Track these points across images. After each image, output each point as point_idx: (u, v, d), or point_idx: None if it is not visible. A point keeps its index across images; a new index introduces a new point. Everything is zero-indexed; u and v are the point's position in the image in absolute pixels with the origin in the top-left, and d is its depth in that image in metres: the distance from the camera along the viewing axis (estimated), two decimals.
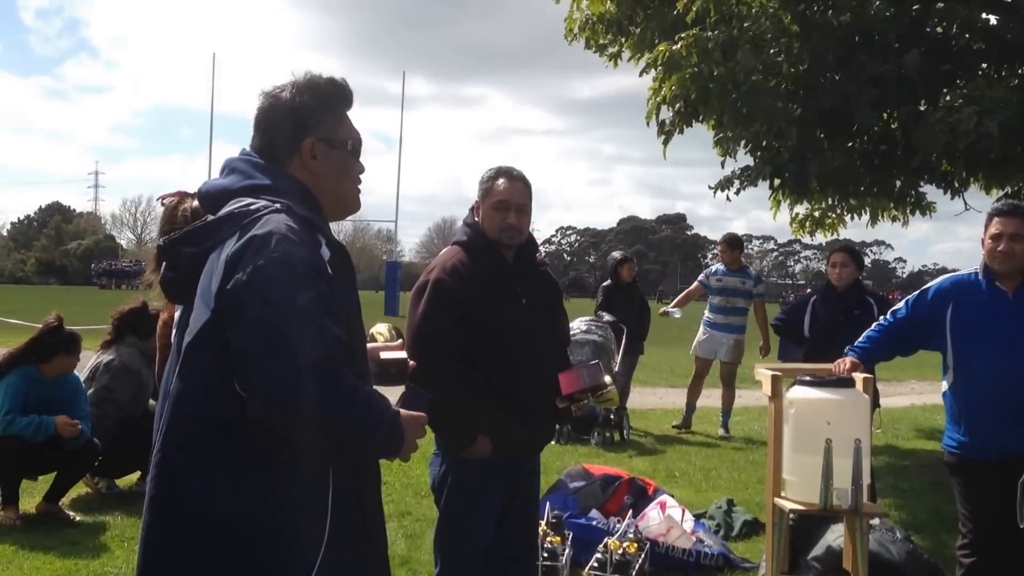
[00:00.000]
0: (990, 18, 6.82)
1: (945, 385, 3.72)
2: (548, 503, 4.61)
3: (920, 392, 12.88)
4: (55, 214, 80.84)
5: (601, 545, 4.31)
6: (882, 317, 3.95)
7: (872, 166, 7.03)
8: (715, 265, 9.04)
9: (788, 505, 3.04)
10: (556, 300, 3.33)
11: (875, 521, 4.01)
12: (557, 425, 5.16)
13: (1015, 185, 7.44)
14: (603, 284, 9.11)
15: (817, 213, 9.03)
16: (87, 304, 23.30)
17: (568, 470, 5.40)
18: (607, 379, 3.17)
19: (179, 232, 1.85)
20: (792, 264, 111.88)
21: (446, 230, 76.76)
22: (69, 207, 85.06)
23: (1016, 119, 5.69)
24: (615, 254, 9.39)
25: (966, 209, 7.95)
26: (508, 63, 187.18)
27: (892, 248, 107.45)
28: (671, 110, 6.99)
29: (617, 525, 4.59)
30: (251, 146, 1.94)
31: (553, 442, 7.31)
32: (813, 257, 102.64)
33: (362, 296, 2.04)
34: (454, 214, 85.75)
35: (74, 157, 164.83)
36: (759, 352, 8.65)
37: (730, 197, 7.82)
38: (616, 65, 7.89)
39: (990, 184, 7.69)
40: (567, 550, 4.25)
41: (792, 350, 6.59)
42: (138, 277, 51.77)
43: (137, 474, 5.72)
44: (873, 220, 8.72)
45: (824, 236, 9.38)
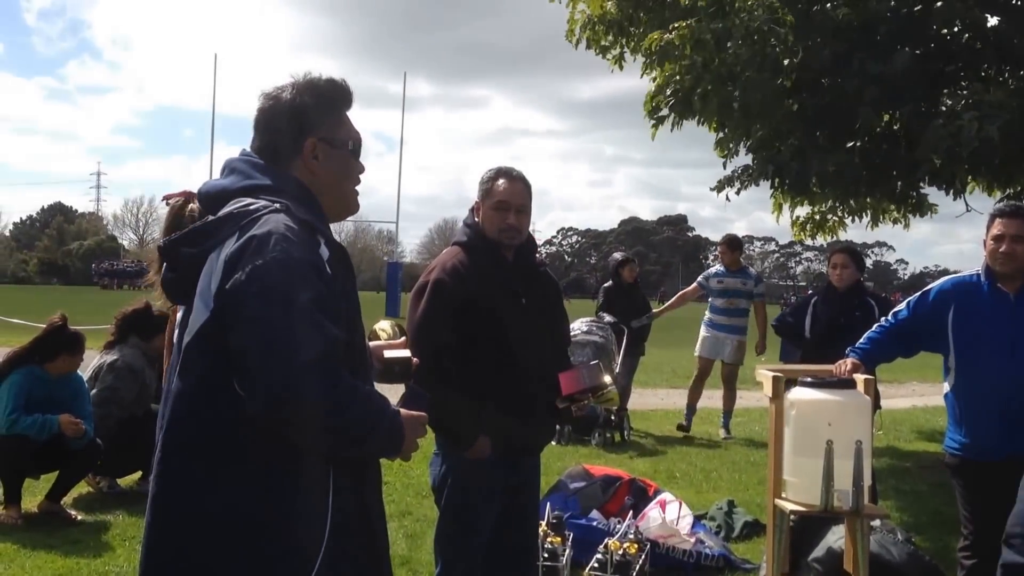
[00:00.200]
0: (990, 19, 6.80)
1: (947, 387, 3.71)
2: (549, 503, 4.61)
3: (921, 394, 12.87)
4: (57, 214, 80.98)
5: (601, 546, 4.31)
6: (883, 318, 3.94)
7: (873, 166, 7.01)
8: (715, 267, 9.03)
9: (789, 506, 3.03)
10: (556, 300, 3.33)
11: (876, 523, 4.00)
12: (557, 426, 5.16)
13: (1017, 186, 7.43)
14: (604, 285, 9.10)
15: (818, 215, 9.02)
16: (89, 304, 23.31)
17: (569, 471, 5.40)
18: (607, 379, 3.16)
19: (179, 232, 1.85)
20: (793, 265, 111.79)
21: (447, 231, 76.66)
22: (71, 207, 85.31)
23: (1017, 123, 5.68)
24: (616, 255, 9.40)
25: (967, 210, 7.94)
26: (509, 64, 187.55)
27: (894, 249, 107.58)
28: (664, 102, 6.95)
29: (617, 526, 4.59)
30: (251, 147, 1.94)
31: (554, 443, 7.32)
32: (814, 259, 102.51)
33: (363, 297, 2.04)
34: (455, 215, 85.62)
35: (76, 158, 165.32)
36: (755, 351, 8.65)
37: (730, 197, 7.81)
38: (621, 68, 7.87)
39: (992, 186, 7.68)
40: (567, 551, 4.25)
41: (793, 351, 6.60)
42: (139, 277, 51.90)
43: (138, 473, 5.73)
44: (874, 222, 8.71)
45: (825, 238, 9.37)
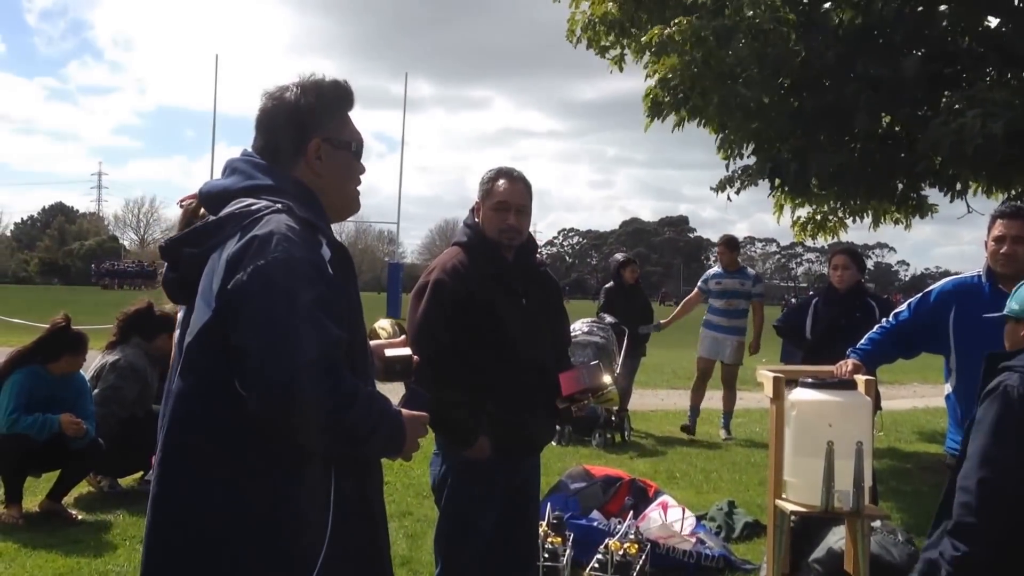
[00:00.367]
0: (992, 21, 6.81)
1: (948, 388, 3.71)
2: (549, 504, 4.61)
3: (922, 395, 12.86)
4: (58, 215, 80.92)
5: (602, 546, 4.31)
6: (884, 319, 3.94)
7: (874, 166, 7.02)
8: (713, 268, 9.05)
9: (789, 507, 3.03)
10: (556, 300, 3.34)
11: (876, 523, 4.01)
12: (558, 426, 5.16)
13: (1018, 188, 7.43)
14: (605, 286, 9.10)
15: (819, 216, 9.03)
16: (90, 304, 23.31)
17: (569, 471, 5.40)
18: (607, 380, 3.17)
19: (180, 232, 1.85)
20: (794, 267, 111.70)
21: (448, 232, 76.61)
22: (72, 208, 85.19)
23: (1020, 121, 5.68)
24: (617, 256, 9.40)
25: (968, 212, 7.94)
26: (511, 65, 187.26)
27: (895, 251, 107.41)
28: (663, 96, 6.95)
29: (618, 526, 4.59)
30: (253, 147, 1.95)
31: (554, 443, 7.32)
32: (815, 260, 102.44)
33: (364, 297, 2.04)
34: (456, 216, 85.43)
35: (77, 158, 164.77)
36: (748, 350, 8.64)
37: (731, 197, 7.84)
38: (621, 69, 7.88)
39: (992, 188, 7.68)
40: (568, 551, 4.25)
41: (794, 352, 6.59)
42: (140, 277, 51.93)
43: (139, 473, 5.73)
44: (875, 223, 8.72)
45: (826, 240, 9.37)
